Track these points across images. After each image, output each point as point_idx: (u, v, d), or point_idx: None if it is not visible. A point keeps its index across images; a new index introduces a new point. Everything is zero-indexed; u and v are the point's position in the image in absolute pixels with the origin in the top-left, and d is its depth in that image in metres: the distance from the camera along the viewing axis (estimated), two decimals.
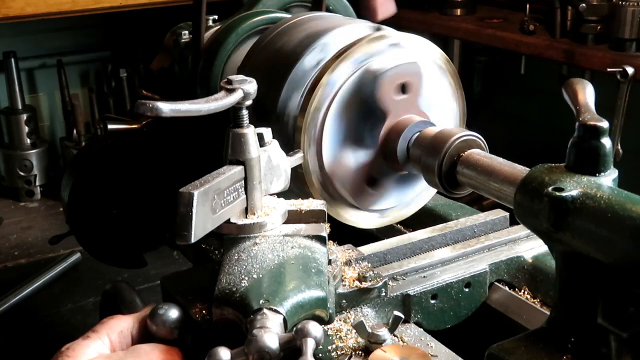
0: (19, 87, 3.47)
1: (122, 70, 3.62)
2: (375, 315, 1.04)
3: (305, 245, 0.98)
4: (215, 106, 0.94)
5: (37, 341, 2.34)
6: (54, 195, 3.42)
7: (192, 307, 0.98)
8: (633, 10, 2.40)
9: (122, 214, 1.67)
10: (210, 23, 1.67)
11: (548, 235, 0.89)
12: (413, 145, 1.19)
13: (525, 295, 1.14)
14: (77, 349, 0.91)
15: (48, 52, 3.60)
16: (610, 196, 0.83)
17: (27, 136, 3.50)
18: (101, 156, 1.73)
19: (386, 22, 1.36)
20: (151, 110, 0.87)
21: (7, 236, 3.11)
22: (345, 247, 1.12)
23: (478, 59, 3.48)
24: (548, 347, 0.87)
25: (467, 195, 1.17)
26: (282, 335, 0.82)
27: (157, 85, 1.79)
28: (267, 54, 1.33)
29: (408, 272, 1.12)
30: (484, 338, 0.98)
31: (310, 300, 0.89)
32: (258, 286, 0.89)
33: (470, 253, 1.18)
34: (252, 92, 0.97)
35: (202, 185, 0.91)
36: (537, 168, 0.92)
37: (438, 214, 1.36)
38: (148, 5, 3.03)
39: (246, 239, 0.99)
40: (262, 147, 1.01)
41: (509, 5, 3.20)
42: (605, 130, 0.88)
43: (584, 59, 2.54)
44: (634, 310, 0.80)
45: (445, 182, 1.13)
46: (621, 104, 2.33)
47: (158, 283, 1.09)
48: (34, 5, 2.78)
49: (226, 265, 0.94)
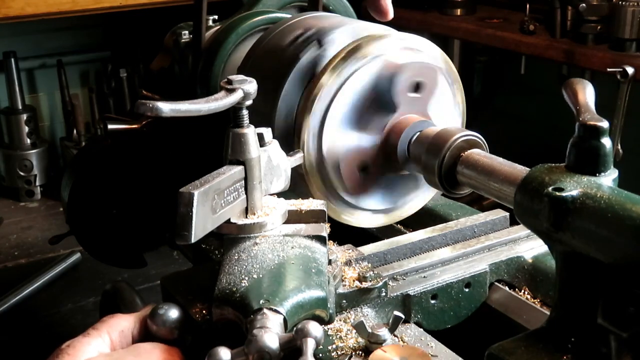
0: (19, 87, 3.47)
1: (122, 70, 3.62)
2: (375, 315, 1.04)
3: (305, 245, 0.98)
4: (215, 106, 0.94)
5: (37, 341, 2.34)
6: (54, 195, 3.42)
7: (192, 307, 0.98)
8: (633, 10, 2.40)
9: (122, 214, 1.67)
10: (210, 23, 1.67)
11: (548, 235, 0.89)
12: (413, 145, 1.19)
13: (525, 295, 1.14)
14: (77, 346, 0.91)
15: (48, 52, 3.60)
16: (610, 196, 0.83)
17: (27, 136, 3.50)
18: (101, 156, 1.73)
19: (386, 22, 1.36)
20: (151, 110, 0.87)
21: (7, 236, 3.11)
22: (345, 247, 1.12)
23: (478, 59, 3.48)
24: (548, 347, 0.87)
25: (467, 195, 1.17)
26: (282, 335, 0.82)
27: (157, 85, 1.79)
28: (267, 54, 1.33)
29: (408, 272, 1.12)
30: (484, 338, 0.98)
31: (310, 300, 0.89)
32: (258, 286, 0.89)
33: (470, 253, 1.18)
34: (253, 92, 0.97)
35: (202, 185, 0.91)
36: (537, 168, 0.92)
37: (438, 214, 1.36)
38: (148, 5, 3.03)
39: (246, 239, 0.99)
40: (262, 147, 1.01)
41: (509, 5, 3.20)
42: (605, 130, 0.88)
43: (584, 59, 2.54)
44: (634, 310, 0.80)
45: (445, 182, 1.13)
46: (621, 104, 2.33)
47: (158, 283, 1.09)
48: (34, 5, 2.78)
49: (226, 265, 0.94)
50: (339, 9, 1.66)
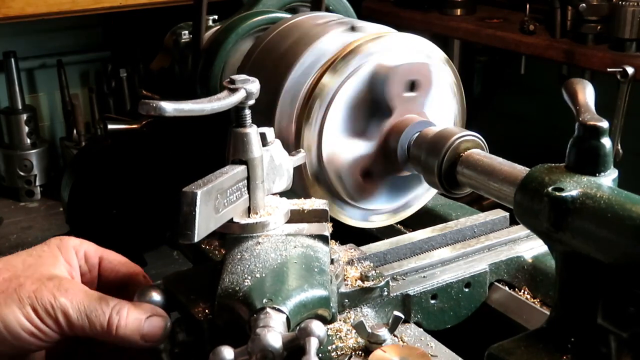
0: (19, 87, 3.47)
1: (122, 70, 3.62)
2: (375, 315, 1.04)
3: (307, 244, 0.98)
4: (218, 106, 0.94)
5: None
6: (54, 195, 3.42)
7: (195, 306, 0.98)
8: (633, 10, 2.41)
9: (122, 214, 1.67)
10: (210, 23, 1.67)
11: (548, 235, 0.89)
12: (413, 145, 1.19)
13: (525, 295, 1.14)
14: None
15: (48, 52, 3.61)
16: (610, 196, 0.83)
17: (27, 136, 3.50)
18: (101, 156, 1.74)
19: (386, 23, 1.37)
20: (154, 109, 0.87)
21: (7, 236, 3.12)
22: (347, 246, 1.12)
23: (478, 59, 3.49)
24: (548, 347, 0.87)
25: (467, 195, 1.17)
26: (285, 335, 0.82)
27: (157, 85, 1.79)
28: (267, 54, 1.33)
29: (408, 272, 1.12)
30: (484, 338, 0.98)
31: (313, 299, 0.89)
32: (261, 285, 0.89)
33: (470, 253, 1.18)
34: (255, 92, 0.97)
35: (205, 185, 0.91)
36: (537, 168, 0.92)
37: (438, 214, 1.36)
38: (148, 5, 3.04)
39: (249, 238, 0.99)
40: (265, 146, 1.01)
41: (509, 5, 3.21)
42: (605, 130, 0.88)
43: (584, 59, 2.54)
44: (634, 310, 0.80)
45: (445, 182, 1.13)
46: (621, 104, 2.33)
47: (158, 283, 1.09)
48: (34, 5, 2.79)
49: (229, 264, 0.94)
50: (339, 9, 1.66)
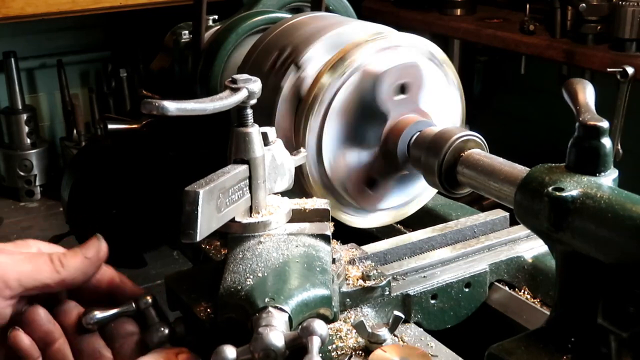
0: (19, 87, 3.47)
1: (122, 70, 3.63)
2: (375, 315, 1.04)
3: (309, 243, 0.99)
4: (220, 105, 0.94)
5: None
6: (54, 195, 3.42)
7: (197, 305, 0.99)
8: (633, 10, 2.41)
9: (122, 213, 1.67)
10: (210, 23, 1.67)
11: (548, 235, 0.89)
12: (413, 146, 1.19)
13: (525, 295, 1.14)
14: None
15: (48, 52, 3.61)
16: (610, 196, 0.83)
17: (27, 136, 3.50)
18: (101, 156, 1.74)
19: (386, 22, 1.37)
20: (157, 109, 0.87)
21: (7, 236, 3.11)
22: (348, 246, 1.12)
23: (478, 59, 3.49)
24: (548, 347, 0.88)
25: (467, 195, 1.17)
26: (287, 334, 0.83)
27: (157, 85, 1.79)
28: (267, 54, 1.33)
29: (408, 272, 1.12)
30: (484, 338, 0.98)
31: (315, 298, 0.89)
32: (263, 284, 0.89)
33: (470, 253, 1.18)
34: (257, 91, 0.97)
35: (207, 184, 0.91)
36: (537, 168, 0.92)
37: (438, 214, 1.36)
38: (148, 5, 3.04)
39: (251, 237, 0.99)
40: (266, 146, 1.01)
41: (509, 5, 3.21)
42: (605, 130, 0.88)
43: (584, 59, 2.55)
44: (634, 310, 0.80)
45: (445, 182, 1.13)
46: (621, 104, 2.33)
47: (158, 283, 1.09)
48: (34, 5, 2.79)
49: (231, 263, 0.94)
50: (339, 9, 1.66)
